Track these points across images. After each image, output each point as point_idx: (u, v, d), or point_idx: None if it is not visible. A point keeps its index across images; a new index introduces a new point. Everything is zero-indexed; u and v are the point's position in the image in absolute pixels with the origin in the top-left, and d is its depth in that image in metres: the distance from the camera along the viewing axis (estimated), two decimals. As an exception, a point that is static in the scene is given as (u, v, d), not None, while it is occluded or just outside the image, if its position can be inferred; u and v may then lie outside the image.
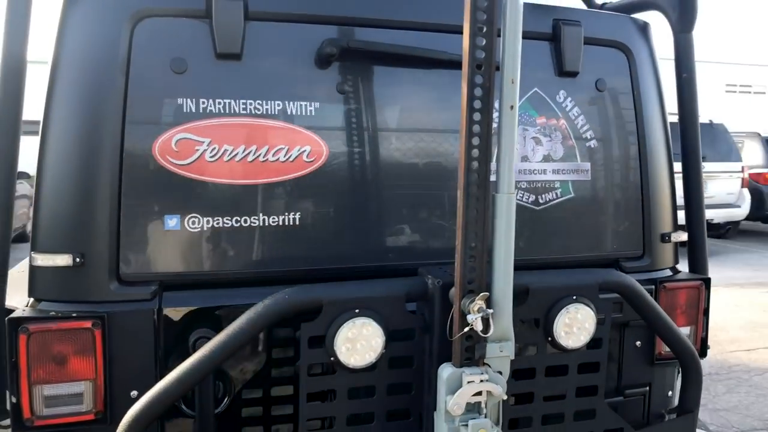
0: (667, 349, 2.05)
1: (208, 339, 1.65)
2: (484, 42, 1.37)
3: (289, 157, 1.77)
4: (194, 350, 1.64)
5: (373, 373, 1.54)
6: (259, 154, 1.74)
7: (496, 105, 1.45)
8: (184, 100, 1.69)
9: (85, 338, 1.61)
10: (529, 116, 1.99)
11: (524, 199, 1.98)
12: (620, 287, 1.70)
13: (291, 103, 1.77)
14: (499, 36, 1.42)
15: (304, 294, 1.50)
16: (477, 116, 1.40)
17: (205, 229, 1.71)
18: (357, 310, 1.49)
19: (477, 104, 1.39)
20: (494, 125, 1.45)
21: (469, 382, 1.43)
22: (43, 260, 1.62)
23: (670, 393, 2.22)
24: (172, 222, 1.69)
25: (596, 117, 2.06)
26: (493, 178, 1.46)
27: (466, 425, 1.43)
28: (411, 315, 1.56)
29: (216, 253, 1.73)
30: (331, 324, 1.49)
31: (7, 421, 1.69)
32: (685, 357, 1.86)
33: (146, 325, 1.66)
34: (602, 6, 2.51)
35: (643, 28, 2.16)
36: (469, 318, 1.40)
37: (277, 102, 1.76)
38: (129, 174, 1.65)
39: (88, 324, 1.60)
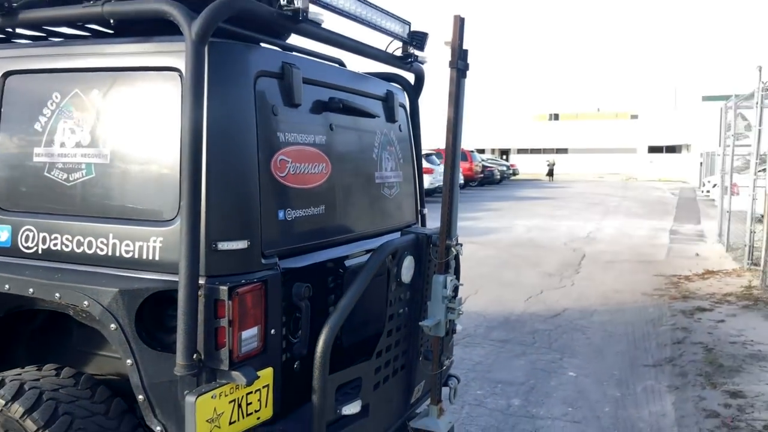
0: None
1: (310, 288, 2.60)
2: (454, 114, 2.86)
3: (319, 170, 2.79)
4: (303, 297, 2.57)
5: (405, 285, 2.82)
6: (308, 168, 2.71)
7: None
8: (280, 133, 2.55)
9: (259, 296, 2.34)
10: (389, 145, 3.43)
11: (385, 193, 3.43)
12: None
13: (315, 135, 2.78)
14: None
15: (391, 245, 2.67)
16: (451, 145, 2.87)
17: (294, 217, 2.60)
18: (406, 252, 2.75)
19: (455, 145, 2.86)
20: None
21: (450, 280, 2.89)
22: (228, 246, 2.27)
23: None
24: (281, 214, 2.53)
25: (403, 145, 3.64)
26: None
27: (453, 299, 2.88)
28: (416, 251, 2.88)
29: (299, 232, 2.63)
30: (399, 260, 2.71)
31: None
32: None
33: (277, 282, 2.46)
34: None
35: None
36: (453, 249, 2.87)
37: (310, 135, 2.75)
38: (263, 183, 2.43)
39: (260, 286, 2.34)
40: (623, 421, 4.91)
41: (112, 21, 2.45)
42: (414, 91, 3.87)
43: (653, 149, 47.53)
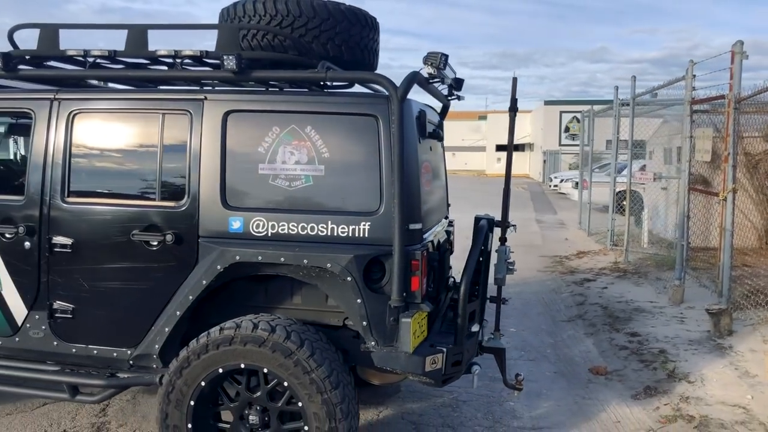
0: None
1: (438, 254, 4.03)
2: (511, 139, 4.39)
3: (429, 177, 4.18)
4: (435, 260, 3.99)
5: (486, 251, 4.30)
6: (427, 177, 4.11)
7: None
8: (421, 153, 3.93)
9: (426, 257, 3.72)
10: (440, 157, 4.88)
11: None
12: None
13: (427, 154, 4.18)
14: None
15: (485, 227, 4.13)
16: (509, 159, 4.40)
17: (426, 209, 3.99)
18: (486, 230, 4.24)
19: (509, 160, 4.39)
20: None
21: (508, 248, 4.42)
22: (413, 226, 3.62)
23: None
24: (423, 207, 3.91)
25: (442, 157, 5.10)
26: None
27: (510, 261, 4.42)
28: (489, 230, 4.37)
29: (425, 218, 4.01)
30: (485, 236, 4.18)
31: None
32: None
33: (427, 249, 3.84)
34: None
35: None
36: (509, 229, 4.40)
37: (426, 154, 4.13)
38: (421, 186, 3.80)
39: (426, 251, 3.72)
40: (563, 357, 6.73)
41: (330, 83, 3.68)
42: (442, 116, 5.35)
43: (501, 147, 52.09)
